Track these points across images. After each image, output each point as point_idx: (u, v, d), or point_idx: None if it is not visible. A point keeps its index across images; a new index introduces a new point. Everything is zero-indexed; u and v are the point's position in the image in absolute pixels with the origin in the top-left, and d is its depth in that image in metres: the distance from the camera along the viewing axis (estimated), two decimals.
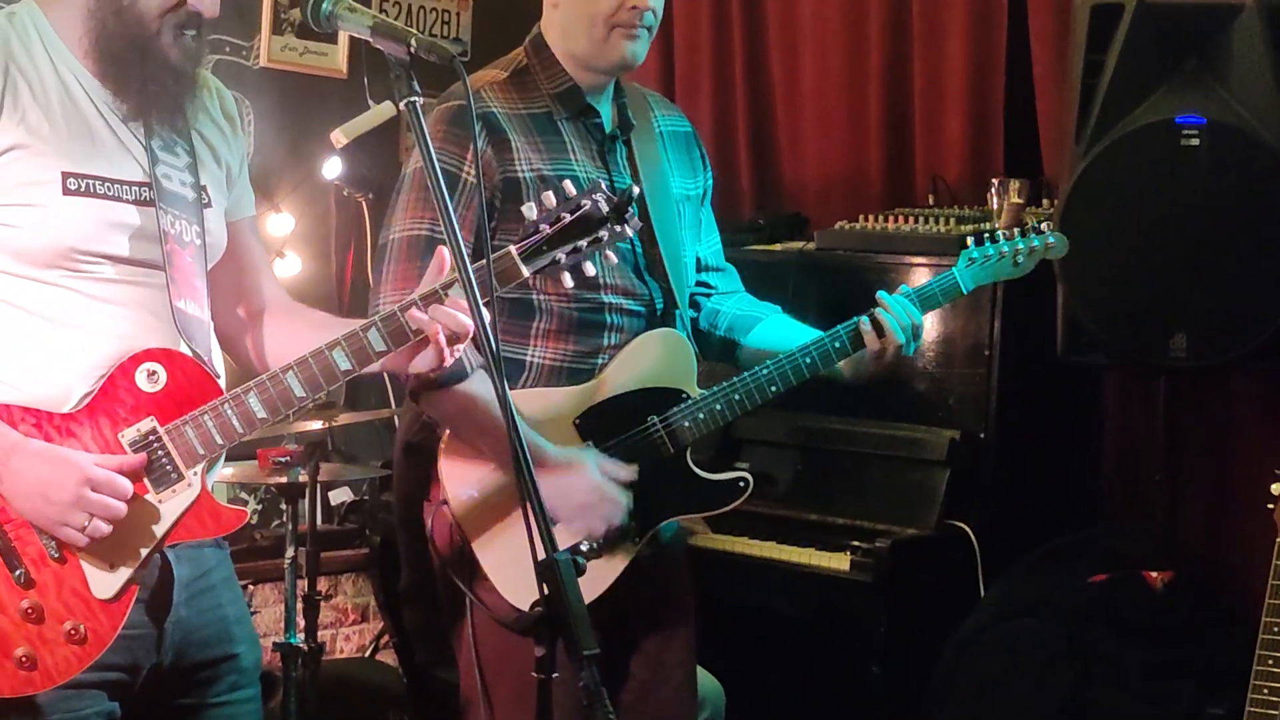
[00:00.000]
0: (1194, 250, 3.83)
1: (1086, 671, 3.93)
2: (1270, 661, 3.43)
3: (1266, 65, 3.81)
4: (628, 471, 3.16)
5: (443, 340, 2.59)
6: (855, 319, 3.33)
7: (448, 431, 3.15)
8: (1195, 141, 3.81)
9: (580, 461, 3.14)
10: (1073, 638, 3.97)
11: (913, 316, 3.35)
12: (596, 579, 3.15)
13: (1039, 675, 3.95)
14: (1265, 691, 3.41)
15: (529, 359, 3.23)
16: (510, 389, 3.07)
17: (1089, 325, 4.01)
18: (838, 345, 3.33)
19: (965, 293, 3.49)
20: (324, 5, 2.58)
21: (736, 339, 3.45)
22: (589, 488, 3.12)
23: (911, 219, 4.52)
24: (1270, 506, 3.53)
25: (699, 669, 3.62)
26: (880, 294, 3.35)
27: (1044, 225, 3.66)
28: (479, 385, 3.06)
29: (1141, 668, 3.90)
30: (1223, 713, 3.57)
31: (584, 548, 3.05)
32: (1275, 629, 3.44)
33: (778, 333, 3.46)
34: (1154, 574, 4.00)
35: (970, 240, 3.52)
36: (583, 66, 3.26)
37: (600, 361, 3.26)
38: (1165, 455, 4.14)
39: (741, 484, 3.31)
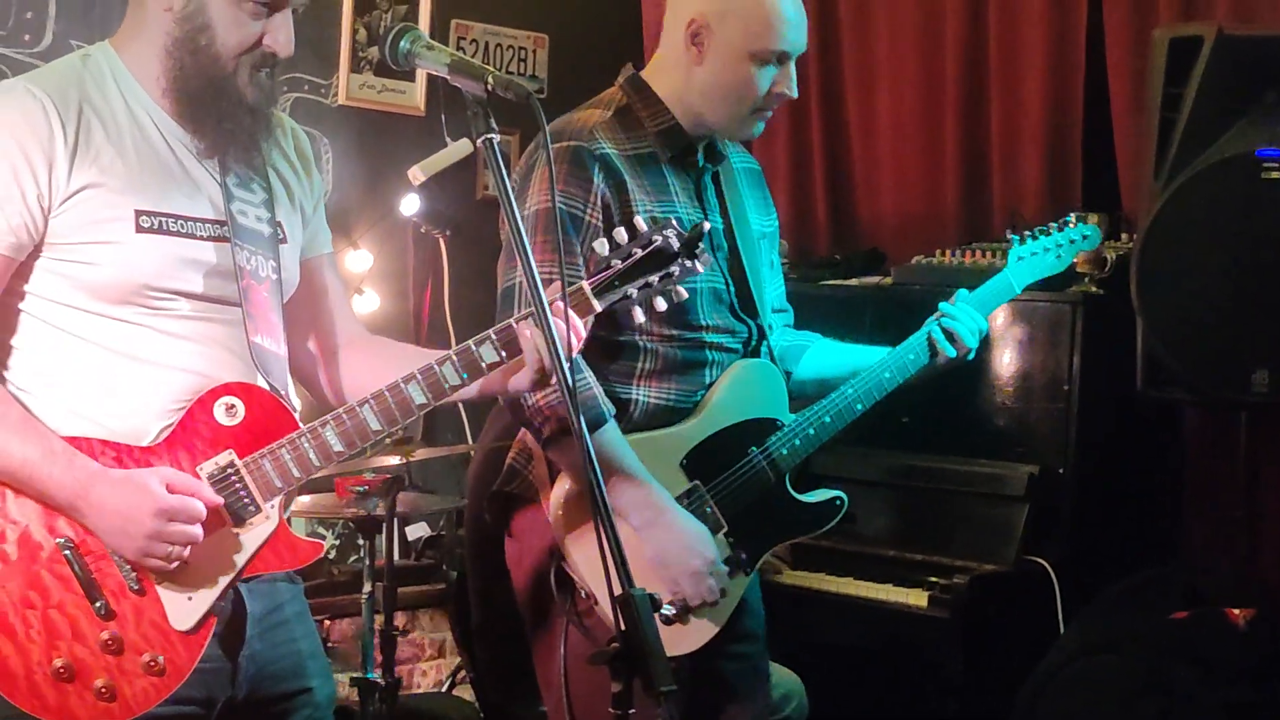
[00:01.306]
0: (1276, 285, 3.80)
1: (1168, 709, 3.91)
2: None
3: None
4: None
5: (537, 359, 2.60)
6: (924, 330, 3.39)
7: (563, 474, 3.16)
8: (1276, 175, 3.79)
9: (691, 535, 3.15)
10: (1154, 675, 3.93)
11: (978, 322, 3.41)
12: (717, 614, 3.22)
13: (1120, 713, 3.92)
14: None
15: (635, 397, 3.24)
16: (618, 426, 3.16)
17: (1169, 361, 3.98)
18: (912, 358, 3.38)
19: (1017, 292, 3.57)
20: (402, 44, 2.62)
21: (788, 369, 3.46)
22: (704, 559, 3.15)
23: (989, 254, 4.51)
24: None
25: (781, 667, 3.66)
26: (942, 305, 3.41)
27: (1073, 218, 3.68)
28: (613, 433, 3.10)
29: (1223, 707, 3.86)
30: None
31: (667, 612, 3.10)
32: None
33: (825, 358, 3.50)
34: (1236, 611, 3.97)
35: (1014, 239, 3.60)
36: (703, 125, 3.29)
37: (701, 398, 3.29)
38: (1246, 492, 4.10)
39: (838, 503, 3.34)
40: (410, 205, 5.36)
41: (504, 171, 2.51)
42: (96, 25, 4.81)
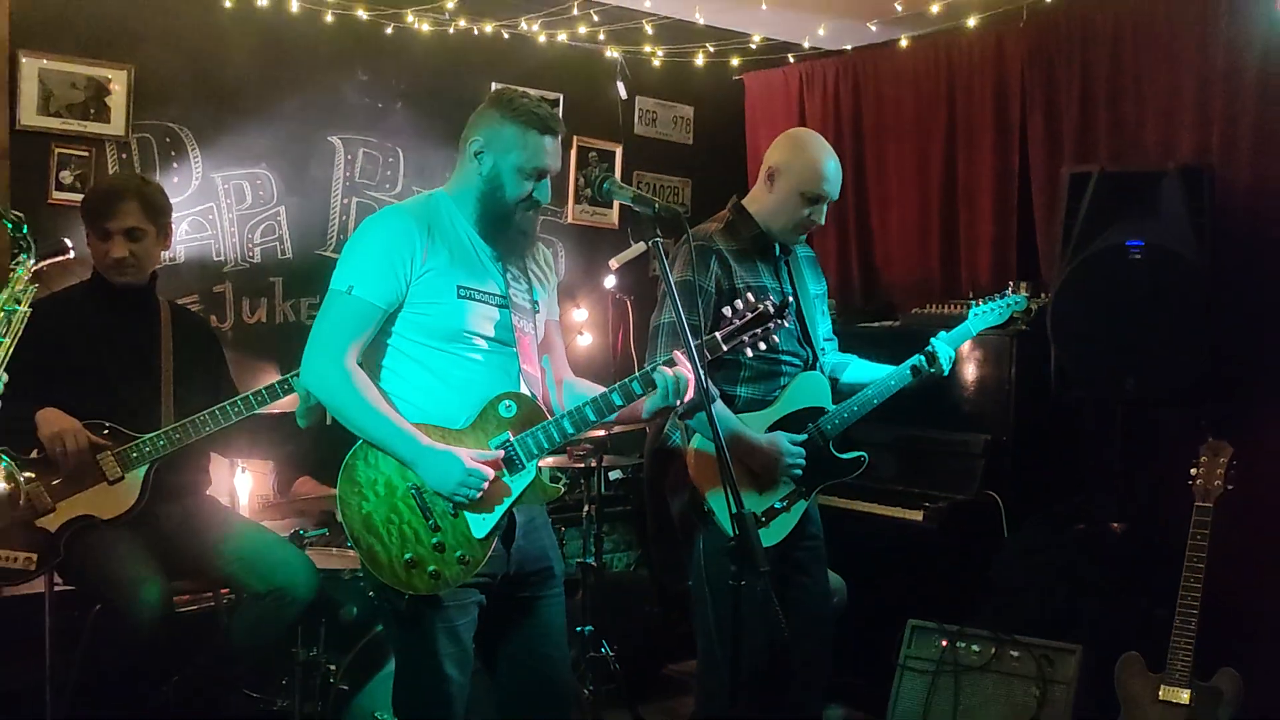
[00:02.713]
0: (1139, 325, 3.72)
1: (1076, 587, 3.85)
2: (1192, 580, 3.37)
3: (1183, 209, 3.73)
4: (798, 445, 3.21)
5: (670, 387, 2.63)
6: (916, 357, 3.36)
7: (694, 438, 3.16)
8: (1138, 257, 3.72)
9: (777, 439, 3.18)
10: (1066, 566, 3.89)
11: (950, 353, 3.38)
12: (788, 520, 3.23)
13: (1045, 590, 3.89)
14: (1189, 599, 3.35)
15: (737, 393, 3.24)
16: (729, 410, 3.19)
17: (1072, 372, 3.92)
18: (908, 373, 3.35)
19: (973, 335, 3.54)
20: (605, 185, 2.71)
21: (836, 377, 3.45)
22: (785, 451, 3.17)
23: (959, 305, 4.46)
24: (1189, 484, 3.47)
25: (831, 572, 3.63)
26: (932, 339, 3.38)
27: (1010, 289, 3.66)
28: (720, 408, 3.10)
29: (1111, 585, 3.81)
30: (1165, 614, 3.45)
31: (762, 512, 3.14)
32: (1194, 560, 3.38)
33: (858, 371, 3.47)
34: (1115, 525, 3.91)
35: (973, 303, 3.58)
36: (771, 229, 3.29)
37: (777, 395, 3.27)
38: (1122, 453, 4.00)
39: (862, 459, 3.31)
40: (610, 281, 5.36)
41: (664, 260, 2.58)
42: (428, 179, 4.92)
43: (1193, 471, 3.46)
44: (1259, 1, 3.91)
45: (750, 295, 2.70)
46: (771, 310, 2.68)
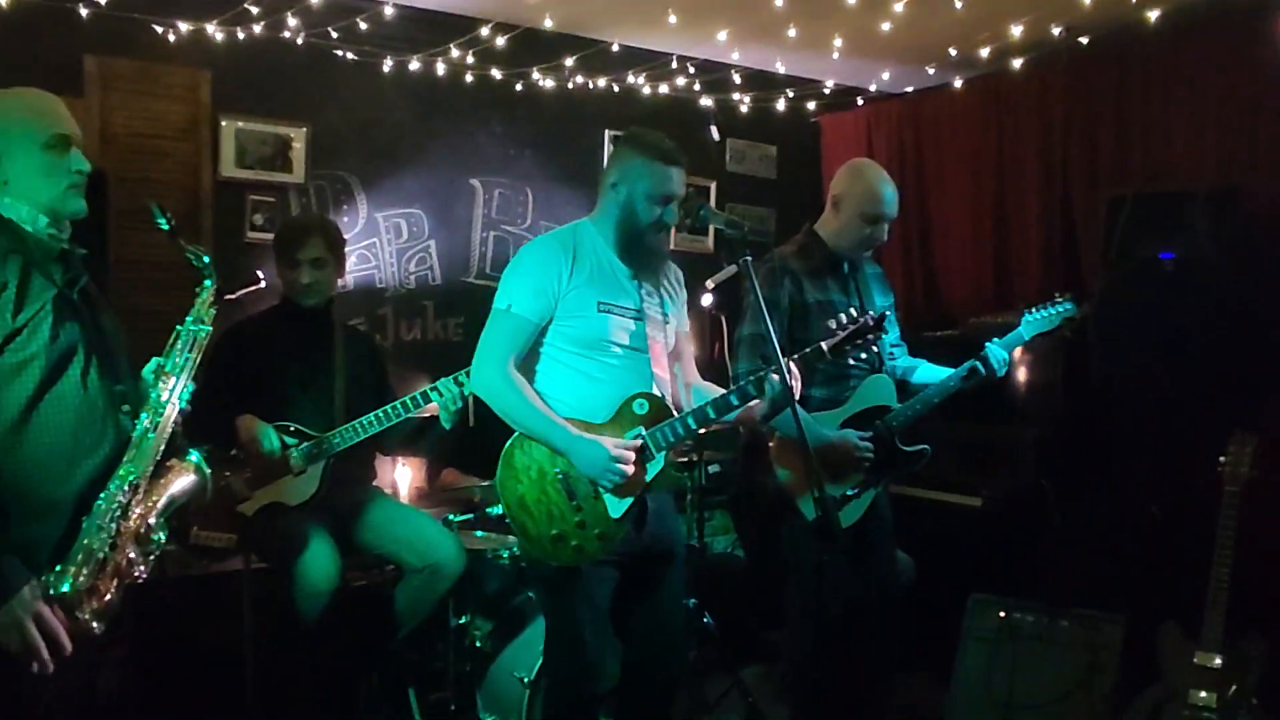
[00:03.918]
0: (1173, 328, 3.72)
1: (1119, 564, 3.84)
2: (1223, 556, 3.33)
3: (1211, 224, 3.73)
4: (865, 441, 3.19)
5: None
6: (973, 361, 3.28)
7: (778, 432, 3.12)
8: (1169, 268, 3.73)
9: (848, 435, 3.15)
10: (1110, 545, 3.88)
11: (1003, 357, 3.31)
12: (860, 506, 3.20)
13: (1091, 566, 3.88)
14: (1220, 573, 3.32)
15: (811, 394, 3.20)
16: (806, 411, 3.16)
17: (1113, 371, 3.91)
18: (964, 374, 3.29)
19: (1026, 340, 3.40)
20: (701, 213, 2.71)
21: (907, 379, 3.42)
22: (855, 446, 3.13)
23: (1011, 315, 4.32)
24: (1219, 470, 3.43)
25: (900, 552, 3.60)
26: (987, 345, 3.32)
27: (1057, 296, 3.53)
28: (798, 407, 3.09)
29: (1150, 561, 3.78)
30: (1199, 587, 3.38)
31: (838, 497, 3.10)
32: (1224, 539, 3.35)
33: (926, 373, 3.42)
34: (1154, 508, 3.88)
35: (1025, 311, 3.46)
36: (839, 250, 3.30)
37: (848, 395, 3.25)
38: (1159, 443, 3.91)
39: (926, 452, 3.25)
40: (706, 299, 5.33)
41: (753, 277, 2.61)
42: (554, 214, 4.99)
43: (1222, 459, 3.42)
44: (1278, 35, 3.89)
45: (852, 312, 2.71)
46: (871, 324, 2.68)
